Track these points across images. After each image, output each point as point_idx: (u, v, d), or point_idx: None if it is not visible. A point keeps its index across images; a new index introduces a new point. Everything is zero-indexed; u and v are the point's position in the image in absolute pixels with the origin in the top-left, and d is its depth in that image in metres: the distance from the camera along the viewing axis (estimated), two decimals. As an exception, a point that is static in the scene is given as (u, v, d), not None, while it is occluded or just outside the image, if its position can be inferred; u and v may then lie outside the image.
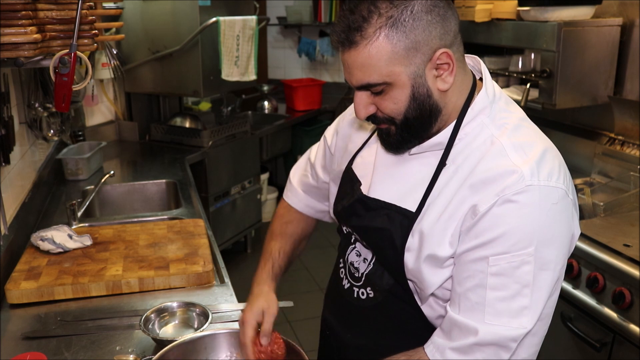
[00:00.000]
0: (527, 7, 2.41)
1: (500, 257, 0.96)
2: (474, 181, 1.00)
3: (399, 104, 1.01)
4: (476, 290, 0.98)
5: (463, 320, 0.99)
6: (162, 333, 1.43)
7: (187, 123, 3.51)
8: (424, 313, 1.11)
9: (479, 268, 0.98)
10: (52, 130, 2.43)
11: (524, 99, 2.42)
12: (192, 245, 1.86)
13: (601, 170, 2.47)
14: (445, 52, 0.98)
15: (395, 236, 1.07)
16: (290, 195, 1.45)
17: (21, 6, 1.30)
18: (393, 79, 0.98)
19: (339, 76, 5.09)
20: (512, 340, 0.96)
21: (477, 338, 0.97)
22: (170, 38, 3.25)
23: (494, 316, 0.97)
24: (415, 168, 1.10)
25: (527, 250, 0.95)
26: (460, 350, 0.99)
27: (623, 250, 1.83)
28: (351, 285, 1.21)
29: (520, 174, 0.96)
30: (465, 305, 0.99)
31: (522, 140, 1.02)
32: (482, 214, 0.97)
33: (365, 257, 1.18)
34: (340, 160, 1.29)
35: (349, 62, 1.00)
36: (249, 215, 3.92)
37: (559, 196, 0.98)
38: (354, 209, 1.16)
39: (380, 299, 1.16)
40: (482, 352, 0.97)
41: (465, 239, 1.00)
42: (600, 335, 1.85)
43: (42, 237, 1.78)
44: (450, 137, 1.05)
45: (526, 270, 0.96)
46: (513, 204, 0.95)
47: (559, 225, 0.99)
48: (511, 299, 0.96)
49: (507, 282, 0.96)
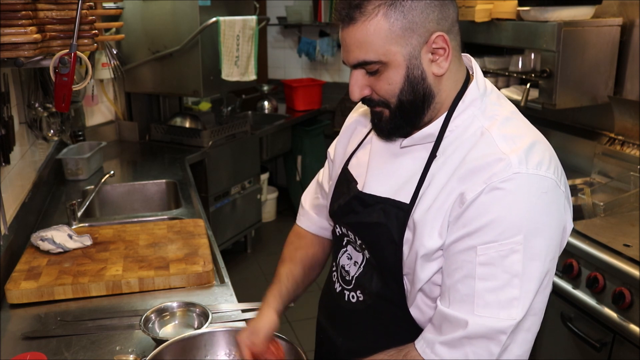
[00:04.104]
0: (527, 7, 2.41)
1: (488, 246, 0.96)
2: (462, 171, 1.00)
3: (394, 85, 1.02)
4: (465, 282, 0.97)
5: (452, 313, 0.98)
6: (162, 333, 1.43)
7: (187, 123, 3.51)
8: (413, 316, 1.11)
9: (467, 258, 0.97)
10: (52, 130, 2.43)
11: (524, 99, 2.42)
12: (192, 245, 1.86)
13: (601, 170, 2.47)
14: (442, 35, 1.00)
15: (392, 230, 1.07)
16: (303, 220, 1.43)
17: (21, 6, 1.30)
18: (389, 58, 0.99)
19: (339, 76, 5.09)
20: (501, 332, 0.95)
21: (466, 331, 0.96)
22: (170, 38, 3.25)
23: (483, 308, 0.96)
24: (408, 162, 1.10)
25: (516, 238, 0.95)
26: (449, 344, 0.98)
27: (623, 250, 1.83)
28: (342, 288, 1.21)
29: (507, 161, 0.96)
30: (454, 297, 0.99)
31: (511, 132, 1.02)
32: (469, 202, 0.97)
33: (356, 260, 1.18)
34: (339, 164, 1.30)
35: (348, 39, 1.01)
36: (249, 215, 3.92)
37: (548, 186, 0.97)
38: (350, 206, 1.17)
39: (370, 302, 1.16)
40: (471, 346, 0.96)
41: (453, 229, 0.99)
42: (600, 335, 1.85)
43: (42, 237, 1.78)
44: (440, 129, 1.06)
45: (515, 260, 0.95)
46: (500, 191, 0.95)
47: (548, 216, 0.98)
48: (500, 289, 0.95)
49: (495, 272, 0.95)
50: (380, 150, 1.16)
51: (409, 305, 1.11)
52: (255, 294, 1.53)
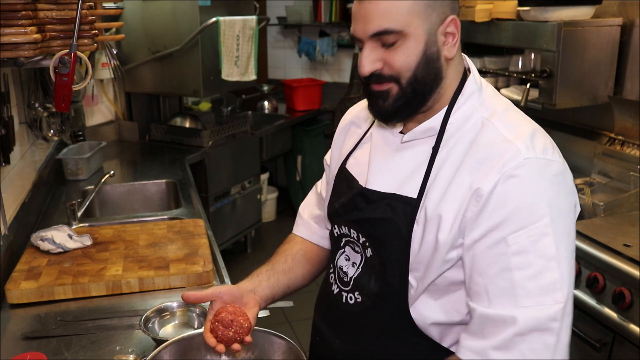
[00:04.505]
0: (527, 7, 2.41)
1: (518, 234, 0.95)
2: (471, 161, 1.01)
3: (411, 57, 1.02)
4: (502, 275, 0.95)
5: (496, 313, 0.95)
6: (162, 333, 1.43)
7: (187, 123, 3.51)
8: (412, 317, 1.10)
9: (499, 251, 0.96)
10: (52, 130, 2.43)
11: (524, 99, 2.42)
12: (192, 245, 1.86)
13: (601, 170, 2.47)
14: (454, 19, 1.03)
15: (400, 225, 1.07)
16: (302, 229, 1.41)
17: (21, 6, 1.30)
18: (410, 30, 1.00)
19: (339, 76, 5.09)
20: (552, 319, 0.93)
21: (517, 327, 0.93)
22: (170, 38, 3.25)
23: (525, 297, 0.94)
24: (409, 157, 1.11)
25: (543, 221, 0.95)
26: (502, 347, 0.94)
27: (623, 250, 1.83)
28: (340, 290, 1.21)
29: (515, 148, 0.98)
30: (494, 293, 0.96)
31: (512, 121, 1.05)
32: (487, 195, 0.97)
33: (354, 260, 1.18)
34: (335, 166, 1.29)
35: (369, 8, 1.01)
36: (249, 215, 3.92)
37: (557, 168, 0.99)
38: (354, 203, 1.16)
39: (368, 303, 1.15)
40: (526, 343, 0.93)
41: (475, 226, 0.98)
42: (600, 335, 1.85)
43: (42, 237, 1.78)
44: (442, 122, 1.07)
45: (547, 243, 0.94)
46: (515, 178, 0.96)
47: (564, 196, 0.99)
48: (539, 275, 0.94)
49: (530, 259, 0.94)
50: (381, 147, 1.16)
51: (409, 305, 1.10)
52: (255, 294, 1.53)
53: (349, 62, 4.88)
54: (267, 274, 1.29)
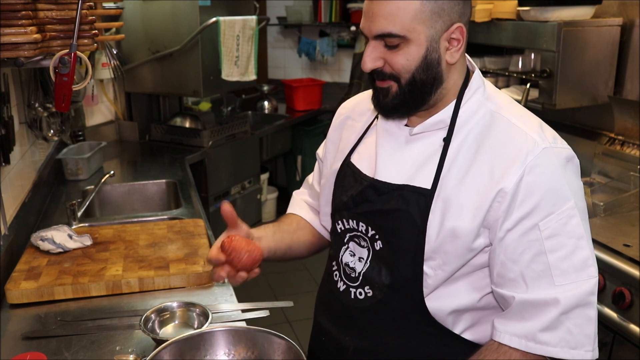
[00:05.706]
0: (527, 7, 2.41)
1: (549, 219, 1.01)
2: (488, 152, 1.05)
3: (411, 61, 1.05)
4: (537, 259, 1.02)
5: (536, 297, 1.01)
6: (162, 333, 1.43)
7: (187, 123, 3.50)
8: (427, 307, 1.11)
9: (532, 237, 1.02)
10: (52, 130, 2.43)
11: (524, 99, 2.42)
12: (192, 245, 1.86)
13: (601, 170, 2.47)
14: (461, 27, 1.05)
15: (414, 215, 1.09)
16: (297, 208, 1.45)
17: (21, 6, 1.30)
18: (413, 35, 1.03)
19: (339, 76, 5.09)
20: (590, 293, 1.01)
21: (561, 307, 1.00)
22: (170, 38, 3.25)
23: (562, 277, 1.01)
24: (419, 148, 1.13)
25: (568, 204, 1.02)
26: (550, 327, 1.01)
27: (623, 250, 1.83)
28: (347, 286, 1.21)
29: (532, 139, 1.04)
30: (530, 277, 1.02)
31: (519, 113, 1.11)
32: (514, 188, 1.01)
33: (361, 255, 1.18)
34: (332, 160, 1.30)
35: (376, 9, 1.03)
36: (249, 215, 3.92)
37: (568, 155, 1.06)
38: (364, 195, 1.17)
39: (380, 296, 1.15)
40: (570, 320, 1.00)
41: (506, 217, 1.03)
42: (600, 335, 1.84)
43: (42, 237, 1.78)
44: (452, 115, 1.11)
45: (575, 223, 1.02)
46: (539, 167, 1.02)
47: (578, 180, 1.08)
48: (571, 254, 1.01)
49: (562, 240, 1.01)
50: (388, 139, 1.17)
51: (425, 294, 1.11)
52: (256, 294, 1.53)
53: (349, 62, 4.87)
54: (273, 229, 1.34)
